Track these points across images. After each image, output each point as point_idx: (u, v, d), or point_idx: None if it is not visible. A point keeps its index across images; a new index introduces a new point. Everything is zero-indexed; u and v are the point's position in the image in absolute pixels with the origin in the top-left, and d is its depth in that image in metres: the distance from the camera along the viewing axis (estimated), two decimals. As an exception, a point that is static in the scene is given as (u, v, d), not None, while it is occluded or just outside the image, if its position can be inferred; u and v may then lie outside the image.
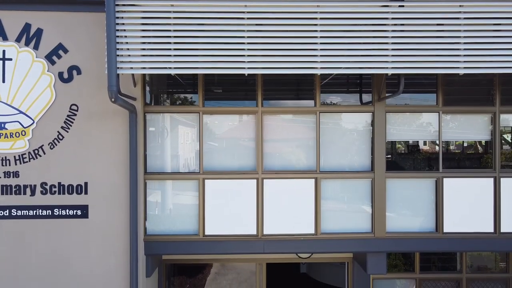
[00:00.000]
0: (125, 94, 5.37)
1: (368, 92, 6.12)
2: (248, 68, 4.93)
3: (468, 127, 6.20)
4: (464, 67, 4.95)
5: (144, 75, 5.81)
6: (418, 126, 6.18)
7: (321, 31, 4.90)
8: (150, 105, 6.03)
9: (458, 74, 4.99)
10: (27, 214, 5.72)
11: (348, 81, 6.46)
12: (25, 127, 5.69)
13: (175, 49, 4.89)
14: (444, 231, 6.02)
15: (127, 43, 4.91)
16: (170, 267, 7.38)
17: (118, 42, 4.82)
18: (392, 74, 5.20)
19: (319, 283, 11.98)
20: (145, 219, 5.96)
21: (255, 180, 5.96)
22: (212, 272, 8.20)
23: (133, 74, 5.51)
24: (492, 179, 6.04)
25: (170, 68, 4.93)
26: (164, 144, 6.06)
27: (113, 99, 4.75)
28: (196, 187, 5.96)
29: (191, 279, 7.97)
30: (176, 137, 6.08)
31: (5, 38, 5.65)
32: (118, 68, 4.86)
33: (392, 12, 4.91)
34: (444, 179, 6.04)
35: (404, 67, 4.96)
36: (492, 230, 6.03)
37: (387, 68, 4.97)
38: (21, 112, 5.68)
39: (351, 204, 6.09)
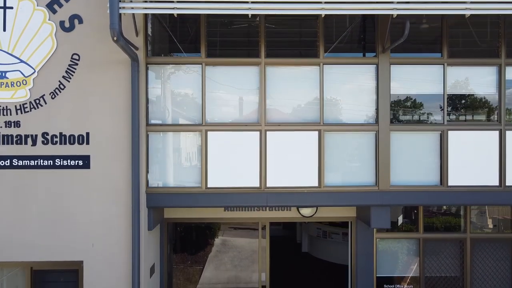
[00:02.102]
0: (128, 40, 5.31)
1: (372, 51, 6.02)
2: (251, 8, 4.86)
3: (473, 81, 6.13)
4: (471, 8, 4.88)
5: (146, 25, 5.75)
6: (423, 80, 6.11)
7: (325, -30, 4.84)
8: (152, 56, 5.95)
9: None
10: (28, 164, 5.67)
11: (352, 38, 6.41)
12: (26, 76, 5.64)
13: (177, -12, 4.83)
14: (449, 184, 5.96)
15: (129, -18, 4.85)
16: (171, 235, 7.27)
17: (120, -19, 4.76)
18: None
19: (321, 261, 11.96)
20: (147, 171, 5.90)
21: (258, 132, 5.90)
22: (214, 250, 8.17)
23: (135, 22, 5.43)
24: (497, 132, 5.98)
25: (172, 8, 4.87)
26: (166, 96, 6.00)
27: (115, 38, 4.69)
28: (199, 139, 5.91)
29: (193, 256, 7.94)
30: (179, 89, 6.02)
31: (5, -14, 5.60)
32: (120, 8, 4.80)
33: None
34: (449, 132, 5.98)
35: (409, 8, 4.90)
36: (497, 184, 5.97)
37: (392, 9, 4.90)
38: (22, 61, 5.63)
39: (355, 157, 6.03)
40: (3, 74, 5.61)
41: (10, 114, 5.66)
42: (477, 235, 6.91)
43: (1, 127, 5.64)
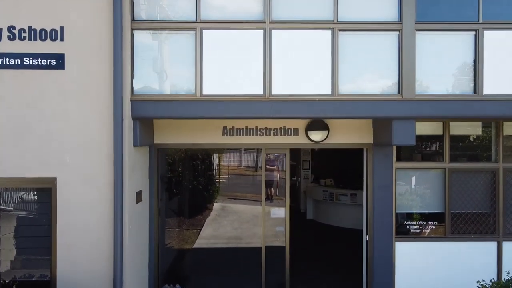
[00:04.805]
0: None
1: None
2: None
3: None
4: None
5: None
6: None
7: None
8: None
9: None
10: (-8, 63, 4.84)
11: None
12: (-11, -41, 4.80)
13: None
14: (484, 93, 5.13)
15: None
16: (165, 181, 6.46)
17: None
18: None
19: (327, 226, 11.40)
20: (133, 76, 5.06)
21: (261, 31, 5.06)
22: (212, 214, 7.57)
23: None
24: (542, 30, 5.14)
25: None
26: (154, -12, 5.16)
27: None
28: (193, 38, 5.06)
29: (190, 219, 7.34)
30: (169, -20, 5.18)
31: None
32: None
33: None
34: (485, 31, 5.13)
35: None
36: (540, 92, 5.13)
37: None
38: None
39: (375, 62, 5.18)
40: (-38, -44, 4.78)
41: (-30, 4, 4.83)
42: (511, 164, 6.05)
43: (-40, 19, 4.82)
